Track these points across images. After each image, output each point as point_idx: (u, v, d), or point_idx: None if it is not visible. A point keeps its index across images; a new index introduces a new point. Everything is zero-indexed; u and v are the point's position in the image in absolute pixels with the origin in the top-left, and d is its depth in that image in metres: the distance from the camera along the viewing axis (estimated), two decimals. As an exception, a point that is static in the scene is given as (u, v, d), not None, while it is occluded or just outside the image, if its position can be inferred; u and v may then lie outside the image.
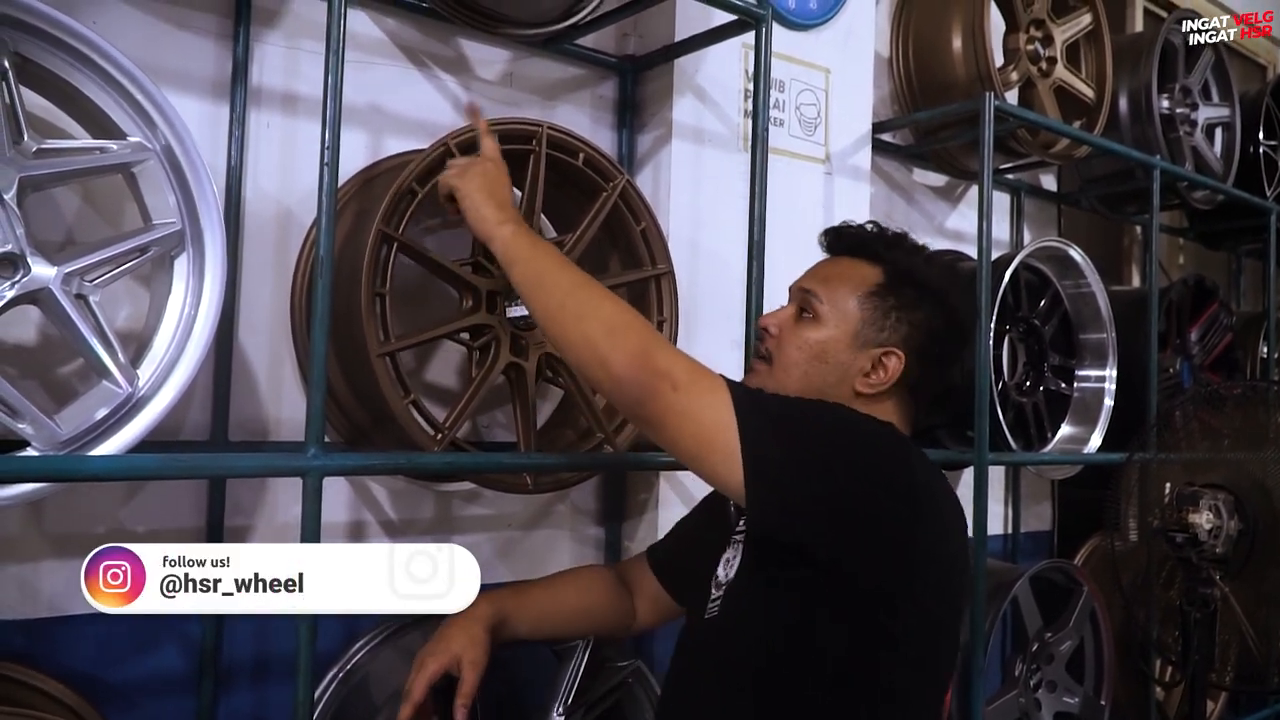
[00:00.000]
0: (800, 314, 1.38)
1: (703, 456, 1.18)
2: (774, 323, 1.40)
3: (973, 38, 2.75)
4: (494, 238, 1.37)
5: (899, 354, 1.32)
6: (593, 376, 1.24)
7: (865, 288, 1.35)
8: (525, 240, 1.35)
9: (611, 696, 1.84)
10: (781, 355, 1.36)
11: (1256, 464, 2.52)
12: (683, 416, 1.17)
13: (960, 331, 1.41)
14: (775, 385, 1.34)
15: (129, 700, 1.70)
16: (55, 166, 1.39)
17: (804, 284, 1.40)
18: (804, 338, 1.35)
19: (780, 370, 1.36)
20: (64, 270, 1.37)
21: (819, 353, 1.34)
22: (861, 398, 1.32)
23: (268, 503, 1.83)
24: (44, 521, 1.63)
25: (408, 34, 2.01)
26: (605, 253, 1.96)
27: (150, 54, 1.70)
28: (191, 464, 1.43)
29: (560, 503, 2.23)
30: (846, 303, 1.34)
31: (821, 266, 1.44)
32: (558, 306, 1.27)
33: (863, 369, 1.32)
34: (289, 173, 1.86)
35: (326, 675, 1.85)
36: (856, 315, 1.34)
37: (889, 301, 1.34)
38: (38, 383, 1.61)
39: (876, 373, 1.32)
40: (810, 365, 1.34)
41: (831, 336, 1.34)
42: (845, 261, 1.41)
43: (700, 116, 2.23)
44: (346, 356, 1.73)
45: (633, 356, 1.18)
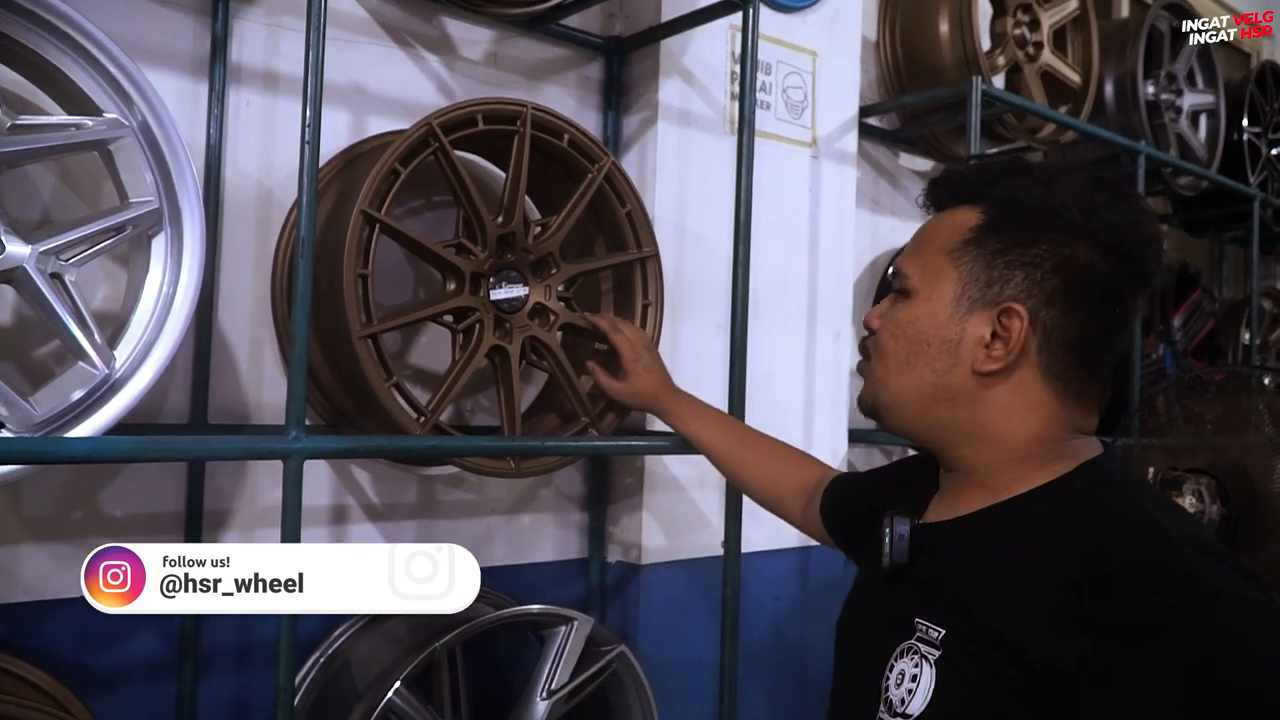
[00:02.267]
0: (896, 298, 1.08)
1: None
2: (874, 316, 1.11)
3: (960, 22, 2.74)
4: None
5: (1020, 309, 0.96)
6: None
7: (959, 237, 1.01)
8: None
9: (595, 680, 1.84)
10: (878, 350, 1.07)
11: (1239, 449, 2.54)
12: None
13: (1117, 255, 0.97)
14: (878, 388, 1.07)
15: (109, 685, 1.68)
16: (30, 143, 1.36)
17: (894, 267, 1.15)
18: (896, 321, 1.05)
19: (880, 367, 1.07)
20: (39, 249, 1.34)
21: (916, 334, 1.02)
22: (989, 379, 0.98)
23: (248, 487, 1.82)
24: (21, 505, 1.61)
25: (390, 12, 1.98)
26: (590, 235, 1.95)
27: (127, 29, 1.67)
28: (170, 446, 1.41)
29: (545, 487, 2.22)
30: (938, 262, 1.02)
31: (913, 236, 1.12)
32: None
33: (980, 338, 0.98)
34: (270, 152, 1.84)
35: (309, 660, 1.84)
36: (954, 274, 1.01)
37: (991, 245, 0.99)
38: (13, 364, 1.59)
39: (999, 339, 0.98)
40: (910, 352, 1.03)
41: (926, 310, 1.02)
42: (939, 217, 1.07)
43: (687, 99, 2.21)
44: (328, 338, 1.71)
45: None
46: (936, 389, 1.00)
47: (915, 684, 0.94)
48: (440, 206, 2.02)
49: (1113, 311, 0.99)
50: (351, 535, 1.94)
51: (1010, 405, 0.98)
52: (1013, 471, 0.98)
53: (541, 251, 1.77)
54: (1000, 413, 0.98)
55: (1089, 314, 0.97)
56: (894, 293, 1.08)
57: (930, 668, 0.93)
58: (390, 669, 1.64)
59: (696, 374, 2.16)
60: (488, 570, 2.08)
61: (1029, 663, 0.84)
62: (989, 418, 0.99)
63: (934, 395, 1.01)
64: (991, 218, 1.00)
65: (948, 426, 1.02)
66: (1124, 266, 0.97)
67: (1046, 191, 0.99)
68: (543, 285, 1.79)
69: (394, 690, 1.59)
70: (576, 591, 2.24)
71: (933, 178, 1.11)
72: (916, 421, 1.04)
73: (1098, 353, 0.99)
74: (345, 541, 1.92)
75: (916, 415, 1.04)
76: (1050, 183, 1.00)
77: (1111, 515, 0.90)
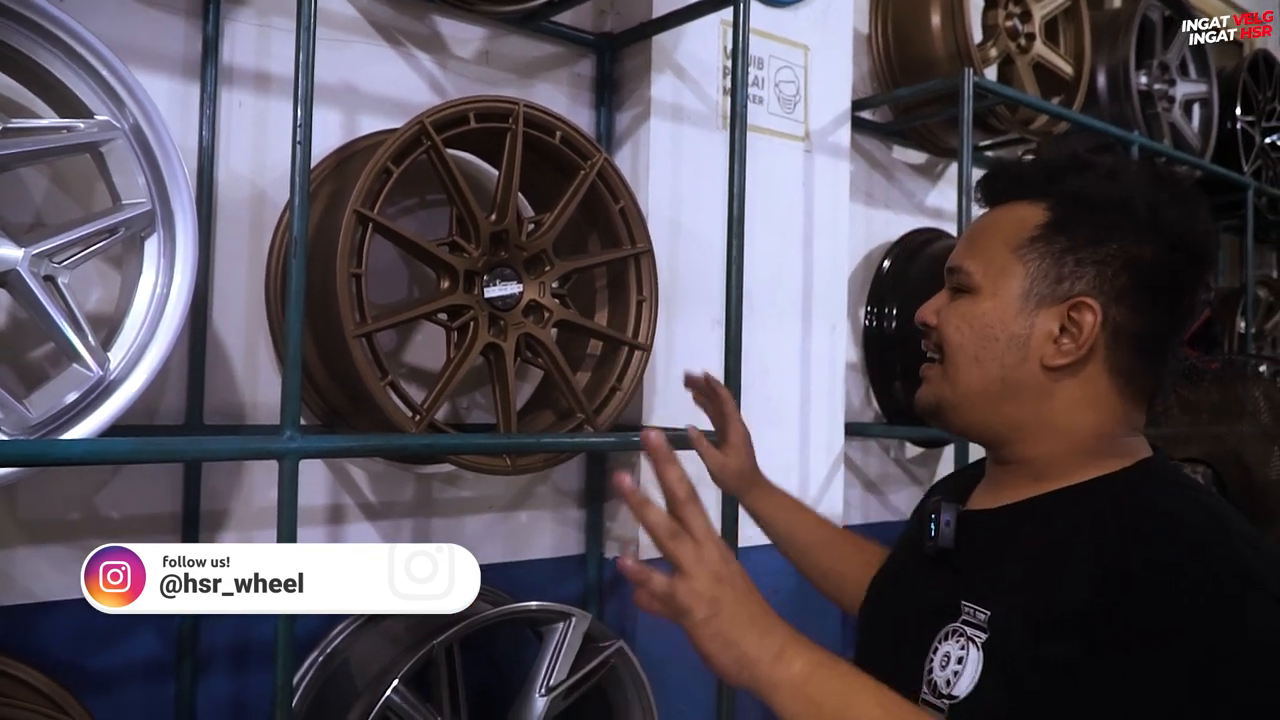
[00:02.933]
0: (955, 293, 1.08)
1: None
2: (929, 311, 1.10)
3: (952, 15, 2.75)
4: (776, 686, 0.88)
5: (1092, 303, 0.98)
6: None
7: (1024, 234, 1.03)
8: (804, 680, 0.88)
9: (594, 677, 1.84)
10: (947, 347, 1.06)
11: (1234, 438, 2.55)
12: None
13: (1185, 254, 1.00)
14: (947, 386, 1.06)
15: (107, 687, 1.68)
16: (22, 146, 1.36)
17: (950, 263, 1.10)
18: (962, 315, 1.05)
19: (951, 366, 1.05)
20: (32, 252, 1.35)
21: (984, 329, 1.03)
22: (1058, 372, 1.00)
23: (244, 487, 1.82)
24: (16, 508, 1.61)
25: (381, 11, 1.98)
26: (584, 232, 1.95)
27: (118, 32, 1.67)
28: (166, 447, 1.41)
29: (541, 484, 2.22)
30: (1004, 259, 1.03)
31: (968, 230, 1.12)
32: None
33: (1049, 333, 1.00)
34: (262, 152, 1.84)
35: (307, 659, 1.85)
36: (1021, 270, 1.02)
37: (1060, 243, 1.01)
38: (7, 367, 1.59)
39: (1068, 335, 0.99)
40: (980, 347, 1.03)
41: (994, 306, 1.02)
42: (997, 212, 1.09)
43: (679, 94, 2.22)
44: (323, 338, 1.71)
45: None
46: (1005, 384, 1.01)
47: (961, 665, 0.94)
48: (433, 205, 2.02)
49: (1177, 306, 1.01)
50: (349, 534, 1.94)
51: (1076, 400, 1.00)
52: (1069, 464, 0.99)
53: (535, 249, 1.77)
54: (1066, 407, 1.00)
55: (1155, 309, 0.99)
56: (951, 289, 1.08)
57: (977, 650, 0.93)
58: (388, 667, 1.64)
59: (693, 369, 2.16)
60: (486, 567, 2.08)
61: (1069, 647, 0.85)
62: (1054, 412, 1.00)
63: (1001, 390, 1.02)
64: (1059, 215, 1.01)
65: (1011, 421, 1.02)
66: (1188, 262, 1.00)
67: (1112, 188, 1.01)
68: (537, 282, 1.79)
69: (392, 688, 1.60)
70: (574, 588, 2.24)
71: (987, 173, 1.12)
72: (982, 417, 1.05)
73: (1161, 347, 1.02)
74: (342, 540, 1.92)
75: (983, 411, 1.04)
76: (1114, 179, 1.02)
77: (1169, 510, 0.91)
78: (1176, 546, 0.86)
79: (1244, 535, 0.88)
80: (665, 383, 2.16)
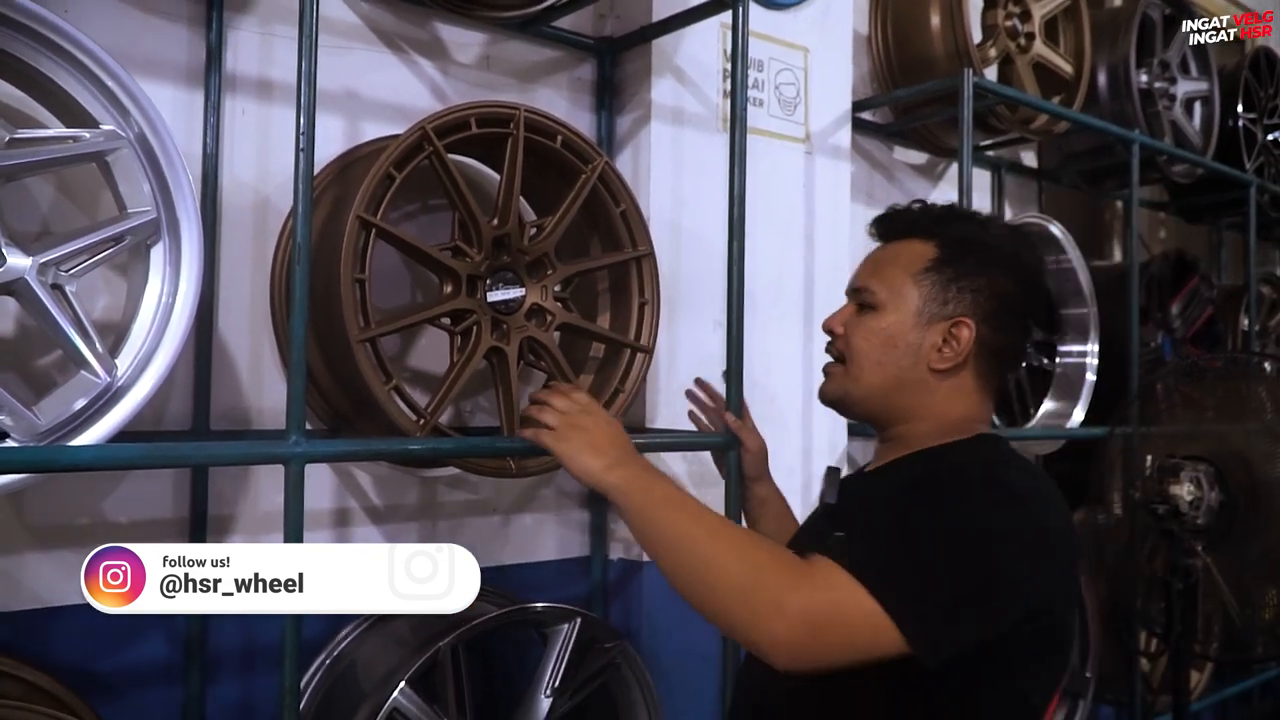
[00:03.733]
0: (860, 309, 1.35)
1: (872, 650, 1.08)
2: (837, 322, 1.38)
3: (951, 15, 2.75)
4: (603, 488, 1.28)
5: (969, 322, 1.28)
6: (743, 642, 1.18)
7: (920, 264, 1.31)
8: (634, 485, 1.26)
9: (599, 678, 1.85)
10: (852, 352, 1.34)
11: (1238, 435, 2.55)
12: (839, 641, 1.09)
13: (1032, 290, 1.35)
14: (852, 382, 1.34)
15: (116, 691, 1.70)
16: (28, 156, 1.38)
17: (854, 283, 1.38)
18: (869, 328, 1.32)
19: (854, 367, 1.34)
20: (39, 260, 1.36)
21: (887, 339, 1.31)
22: (939, 374, 1.29)
23: (250, 492, 1.83)
24: (25, 513, 1.62)
25: (382, 18, 2.00)
26: (585, 235, 1.96)
27: (123, 41, 1.69)
28: (173, 452, 1.43)
29: (545, 486, 2.23)
30: (903, 284, 1.31)
31: (869, 258, 1.40)
32: (674, 569, 1.19)
33: (934, 345, 1.29)
34: (265, 159, 1.85)
35: (313, 663, 1.86)
36: (916, 294, 1.30)
37: (947, 273, 1.30)
38: (16, 374, 1.60)
39: (949, 345, 1.29)
40: (882, 353, 1.31)
41: (895, 320, 1.31)
42: (894, 245, 1.37)
43: (679, 97, 2.23)
44: (327, 343, 1.72)
45: (769, 631, 1.09)
46: (899, 382, 1.31)
47: None
48: (436, 209, 2.04)
49: (1026, 327, 1.36)
50: (354, 537, 1.95)
51: (950, 394, 1.31)
52: (931, 438, 1.30)
53: (537, 252, 1.78)
54: (942, 399, 1.31)
55: (1011, 329, 1.32)
56: (858, 305, 1.36)
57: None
58: (395, 669, 1.66)
59: (695, 371, 2.16)
60: (491, 570, 2.10)
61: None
62: (934, 403, 1.31)
63: (896, 386, 1.31)
64: (946, 253, 1.31)
65: (900, 409, 1.33)
66: (1035, 293, 1.36)
67: (985, 234, 1.34)
68: (539, 286, 1.80)
69: (399, 690, 1.61)
70: (579, 589, 2.25)
71: (883, 215, 1.41)
72: (879, 406, 1.34)
73: (1012, 358, 1.36)
74: (348, 543, 1.93)
75: (880, 402, 1.34)
76: (985, 228, 1.37)
77: (970, 460, 1.26)
78: (958, 470, 1.23)
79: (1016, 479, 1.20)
80: (668, 385, 2.17)
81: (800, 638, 1.08)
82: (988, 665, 1.12)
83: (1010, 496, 1.16)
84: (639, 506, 1.23)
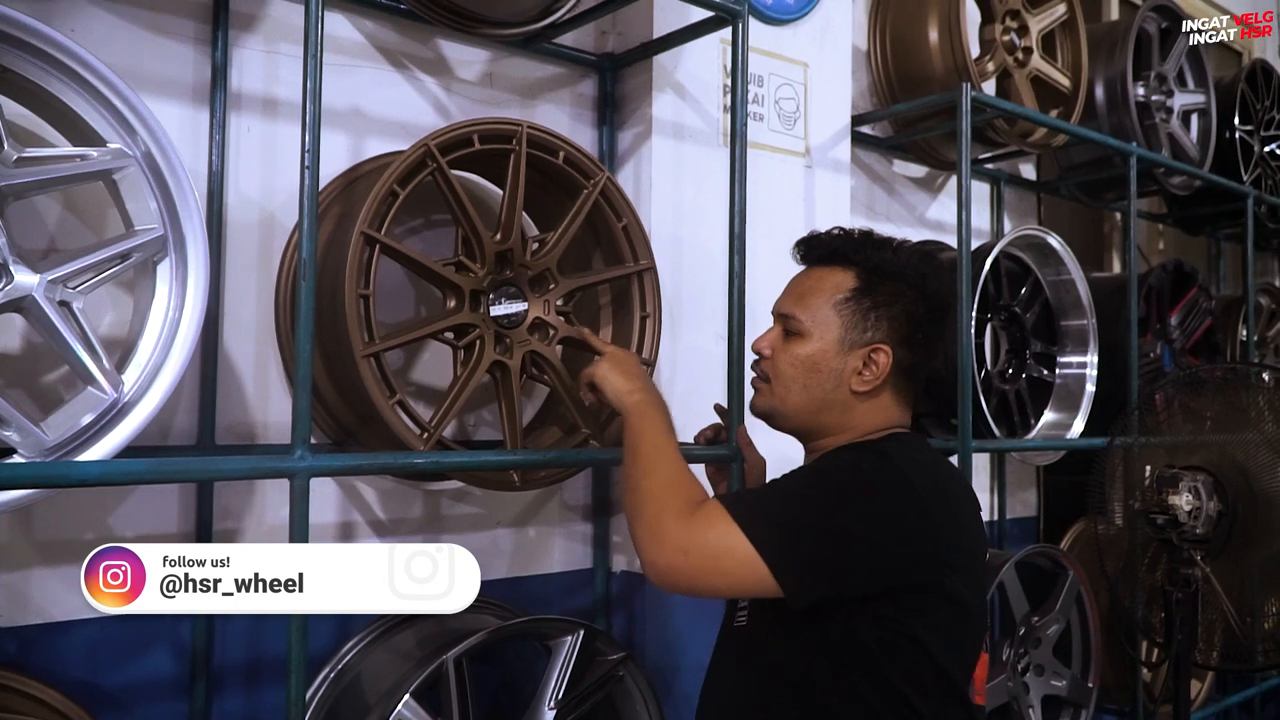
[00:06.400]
0: (786, 334, 1.46)
1: (738, 586, 1.28)
2: (765, 345, 1.48)
3: (949, 29, 2.77)
4: (622, 406, 1.49)
5: (885, 348, 1.40)
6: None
7: (840, 294, 1.42)
8: (639, 409, 1.47)
9: (603, 689, 1.86)
10: (778, 375, 1.45)
11: (1236, 446, 2.55)
12: (707, 572, 1.26)
13: (940, 311, 1.47)
14: (779, 401, 1.45)
15: (122, 705, 1.70)
16: (36, 175, 1.40)
17: (781, 309, 1.48)
18: (794, 354, 1.43)
19: (780, 387, 1.45)
20: (47, 278, 1.38)
21: (811, 365, 1.42)
22: (860, 395, 1.41)
23: (256, 505, 1.84)
24: (33, 529, 1.63)
25: (386, 36, 2.01)
26: (588, 249, 1.97)
27: (129, 60, 1.71)
28: (179, 467, 1.44)
29: (549, 499, 2.24)
30: (825, 313, 1.42)
31: (795, 284, 1.51)
32: (623, 479, 1.42)
33: (855, 369, 1.40)
34: (270, 176, 1.87)
35: (319, 675, 1.86)
36: (838, 322, 1.41)
37: (866, 302, 1.41)
38: (23, 390, 1.61)
39: (869, 370, 1.40)
40: (806, 378, 1.42)
41: (818, 348, 1.42)
42: (817, 273, 1.47)
43: (680, 112, 2.24)
44: (332, 358, 1.74)
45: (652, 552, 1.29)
46: (824, 402, 1.43)
47: None
48: (439, 225, 2.05)
49: (936, 345, 1.48)
50: (359, 551, 1.96)
51: (869, 411, 1.43)
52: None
53: (540, 267, 1.79)
54: (862, 415, 1.43)
55: (922, 348, 1.44)
56: (785, 331, 1.46)
57: None
58: (399, 682, 1.66)
59: (697, 383, 2.18)
60: (494, 582, 2.11)
61: None
62: (855, 419, 1.43)
63: (820, 406, 1.43)
64: (864, 282, 1.42)
65: (824, 426, 1.44)
66: (943, 316, 1.48)
67: (897, 262, 1.44)
68: (541, 300, 1.82)
69: (403, 703, 1.61)
70: (583, 601, 2.26)
71: (804, 239, 1.52)
72: (804, 423, 1.46)
73: (924, 372, 1.47)
74: (352, 555, 1.93)
75: (805, 420, 1.45)
76: (897, 254, 1.45)
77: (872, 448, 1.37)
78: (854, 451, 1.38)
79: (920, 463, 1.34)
80: (670, 398, 2.15)
81: (675, 563, 1.26)
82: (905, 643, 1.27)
83: (893, 478, 1.30)
84: (633, 425, 1.44)
